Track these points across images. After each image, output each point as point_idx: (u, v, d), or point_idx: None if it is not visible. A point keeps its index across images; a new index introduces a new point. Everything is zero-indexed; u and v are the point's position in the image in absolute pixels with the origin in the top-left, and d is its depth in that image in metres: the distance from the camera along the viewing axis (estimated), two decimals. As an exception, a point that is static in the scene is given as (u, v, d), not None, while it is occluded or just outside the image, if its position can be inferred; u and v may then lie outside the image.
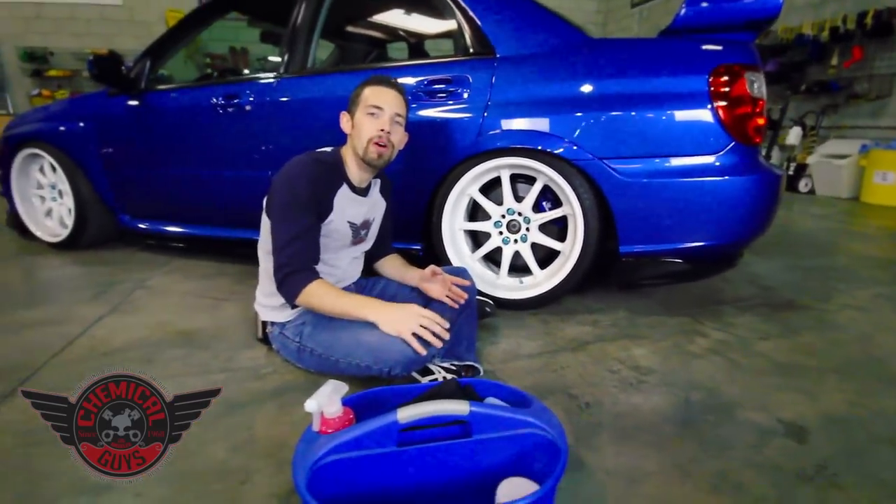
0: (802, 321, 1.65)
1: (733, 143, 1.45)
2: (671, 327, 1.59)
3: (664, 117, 1.48)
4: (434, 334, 1.06)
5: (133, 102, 2.22)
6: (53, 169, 2.46)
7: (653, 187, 1.49)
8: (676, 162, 1.48)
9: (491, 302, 1.61)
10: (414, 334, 1.06)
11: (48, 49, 6.17)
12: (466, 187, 1.68)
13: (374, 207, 1.36)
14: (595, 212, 1.55)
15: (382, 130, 1.19)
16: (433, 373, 1.16)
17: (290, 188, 1.14)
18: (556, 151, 1.52)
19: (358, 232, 1.31)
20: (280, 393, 1.21)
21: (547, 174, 1.57)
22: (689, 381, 1.27)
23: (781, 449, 1.00)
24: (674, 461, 0.97)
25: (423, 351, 1.06)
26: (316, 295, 1.12)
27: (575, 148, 1.51)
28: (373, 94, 1.21)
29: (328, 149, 1.29)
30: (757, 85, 1.48)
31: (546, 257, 1.71)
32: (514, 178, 1.67)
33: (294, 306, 1.20)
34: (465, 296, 1.31)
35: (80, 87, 6.23)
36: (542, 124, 1.54)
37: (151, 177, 2.27)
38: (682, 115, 1.47)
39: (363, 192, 1.30)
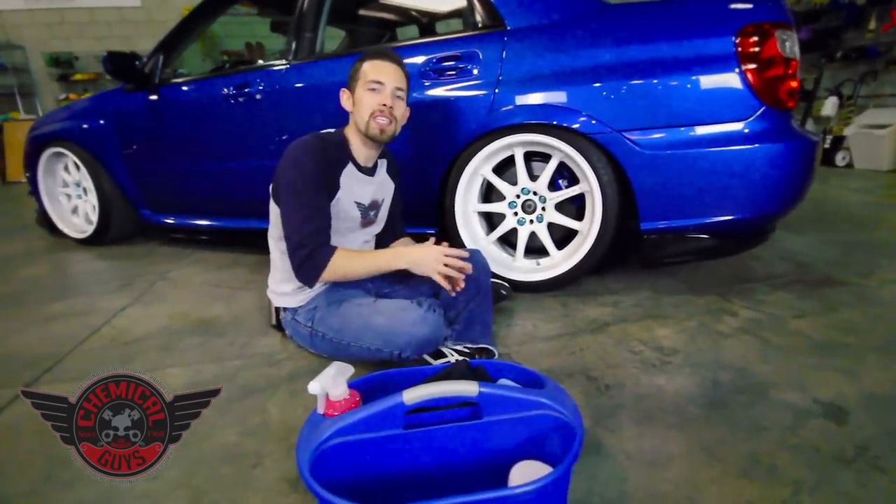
0: (841, 297, 1.55)
1: (764, 109, 1.36)
2: (697, 307, 1.51)
3: (687, 84, 1.39)
4: (459, 270, 1.12)
5: (147, 97, 2.24)
6: (77, 167, 2.52)
7: (675, 159, 1.42)
8: (701, 130, 1.39)
9: (507, 285, 1.57)
10: (444, 275, 1.11)
11: (72, 53, 6.34)
12: (479, 167, 1.63)
13: (381, 188, 1.33)
14: (614, 187, 1.48)
15: (384, 105, 1.16)
16: (445, 356, 1.13)
17: (296, 168, 1.12)
18: (571, 126, 1.45)
19: (367, 213, 1.29)
20: (294, 378, 1.21)
21: (562, 150, 1.50)
22: (718, 361, 1.20)
23: (819, 430, 0.94)
24: (700, 443, 0.91)
25: (449, 287, 1.12)
26: (342, 266, 1.13)
27: (592, 122, 1.44)
28: (372, 69, 1.18)
29: (331, 130, 1.26)
30: (789, 44, 1.38)
31: (563, 237, 1.65)
32: (529, 157, 1.61)
33: (315, 285, 1.19)
34: (467, 267, 1.16)
35: (104, 89, 6.39)
36: (556, 98, 1.47)
37: (168, 170, 2.30)
38: (706, 80, 1.38)
39: (370, 171, 1.27)
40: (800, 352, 1.23)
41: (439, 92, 1.61)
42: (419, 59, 1.64)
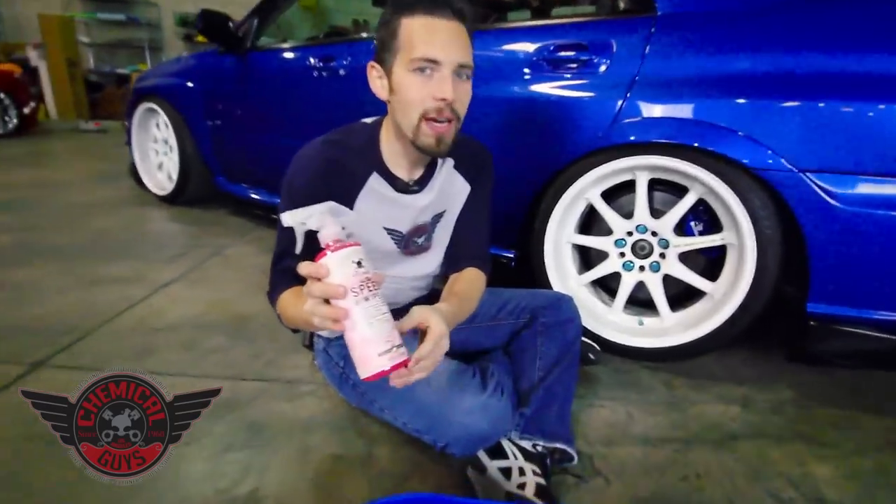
0: None
1: None
2: (871, 434, 1.06)
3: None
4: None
5: (236, 61, 2.14)
6: (167, 125, 2.51)
7: (882, 223, 0.97)
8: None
9: (597, 347, 1.22)
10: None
11: (198, 15, 6.74)
12: (585, 190, 1.27)
13: (440, 200, 0.91)
14: (778, 247, 1.06)
15: (444, 100, 0.73)
16: (506, 454, 0.82)
17: (286, 190, 0.82)
18: (732, 155, 1.05)
19: (408, 242, 0.90)
20: (310, 427, 0.97)
21: (708, 185, 1.11)
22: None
23: None
24: None
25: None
26: (286, 317, 0.78)
27: (767, 153, 1.02)
28: (423, 34, 0.72)
29: (368, 120, 0.89)
30: None
31: (677, 295, 1.26)
32: (653, 185, 1.23)
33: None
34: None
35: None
36: (714, 113, 1.07)
37: (244, 139, 2.19)
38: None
39: (412, 186, 0.86)
40: None
41: (548, 89, 1.27)
42: (531, 46, 1.31)
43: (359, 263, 0.58)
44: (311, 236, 0.62)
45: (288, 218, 0.60)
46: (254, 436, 0.93)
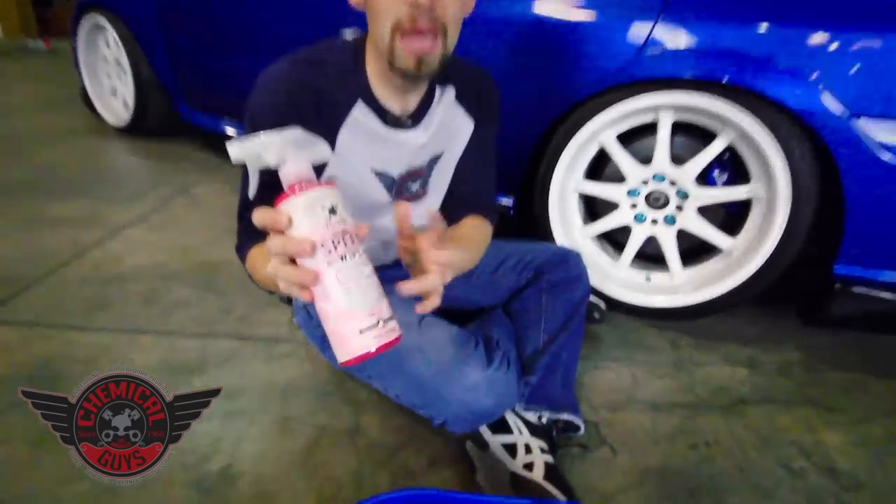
0: None
1: None
2: (880, 399, 1.02)
3: None
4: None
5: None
6: (117, 43, 2.20)
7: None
8: None
9: (602, 306, 1.13)
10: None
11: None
12: (599, 131, 1.13)
13: (438, 140, 0.76)
14: (814, 203, 0.96)
15: (416, 4, 0.56)
16: (510, 428, 0.73)
17: (247, 123, 0.66)
18: (775, 95, 0.91)
19: (401, 187, 0.76)
20: (289, 394, 0.87)
21: (743, 129, 0.98)
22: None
23: None
24: None
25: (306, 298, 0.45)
26: (253, 273, 0.67)
27: (817, 92, 0.89)
28: None
29: (349, 33, 0.71)
30: None
31: (688, 250, 1.17)
32: (674, 129, 1.09)
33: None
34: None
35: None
36: (757, 45, 0.92)
37: (209, 60, 1.91)
38: None
39: (406, 120, 0.71)
40: None
41: (562, 10, 1.09)
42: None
43: (332, 210, 0.44)
44: (273, 177, 0.47)
45: (237, 150, 0.44)
46: (225, 402, 0.83)
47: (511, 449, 0.70)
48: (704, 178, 1.11)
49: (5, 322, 0.98)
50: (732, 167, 1.10)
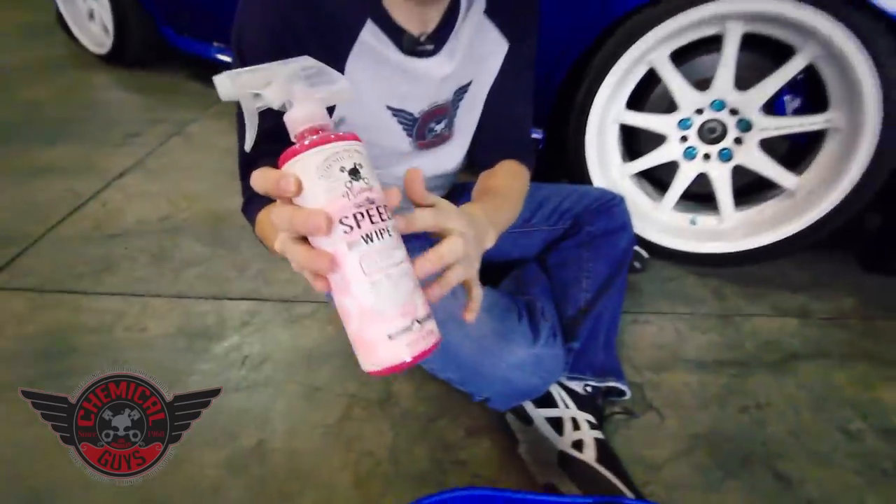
0: None
1: None
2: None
3: None
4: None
5: None
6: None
7: None
8: None
9: (644, 254, 1.04)
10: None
11: None
12: (648, 52, 0.96)
13: (465, 68, 0.63)
14: (907, 136, 0.82)
15: None
16: (555, 402, 0.68)
17: (234, 49, 0.54)
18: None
19: (421, 129, 0.65)
20: (314, 361, 0.82)
21: (829, 42, 0.81)
22: None
23: None
24: None
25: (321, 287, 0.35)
26: (263, 237, 0.59)
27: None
28: None
29: None
30: None
31: (741, 189, 1.05)
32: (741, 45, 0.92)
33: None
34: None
35: None
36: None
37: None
38: None
39: (425, 44, 0.58)
40: None
41: None
42: None
43: (354, 172, 0.32)
44: (279, 122, 0.34)
45: (227, 86, 0.32)
46: (250, 373, 0.79)
47: (557, 424, 0.66)
48: (770, 106, 0.96)
49: (9, 287, 0.93)
50: (804, 92, 0.94)
